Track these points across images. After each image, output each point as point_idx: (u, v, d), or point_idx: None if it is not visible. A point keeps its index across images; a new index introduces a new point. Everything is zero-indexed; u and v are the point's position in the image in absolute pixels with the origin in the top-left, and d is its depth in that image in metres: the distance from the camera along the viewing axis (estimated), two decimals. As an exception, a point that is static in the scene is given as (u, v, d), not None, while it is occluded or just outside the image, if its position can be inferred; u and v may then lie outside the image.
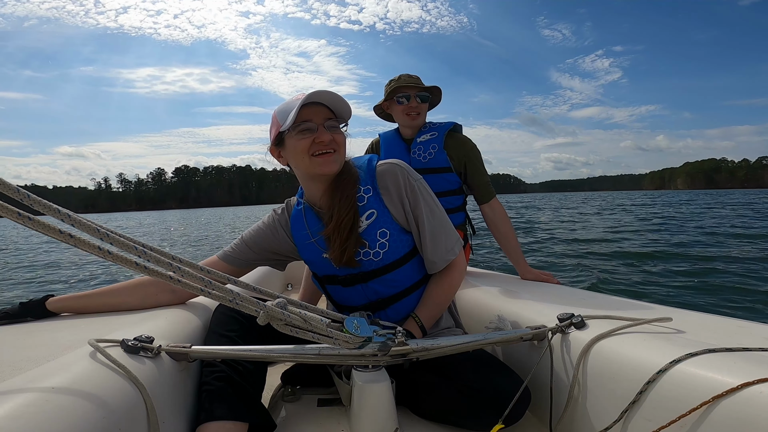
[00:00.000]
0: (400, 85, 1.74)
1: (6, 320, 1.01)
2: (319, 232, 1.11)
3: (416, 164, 1.77)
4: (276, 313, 0.70)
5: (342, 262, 1.07)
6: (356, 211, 1.06)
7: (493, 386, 0.94)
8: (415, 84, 1.73)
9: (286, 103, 1.05)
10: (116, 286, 1.09)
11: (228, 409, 0.82)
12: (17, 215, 0.50)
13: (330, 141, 1.03)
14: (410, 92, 1.73)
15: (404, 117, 1.77)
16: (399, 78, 1.78)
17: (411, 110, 1.75)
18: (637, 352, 0.76)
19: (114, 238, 0.60)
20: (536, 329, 0.97)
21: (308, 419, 1.03)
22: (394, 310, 1.14)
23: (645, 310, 1.03)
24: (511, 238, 1.77)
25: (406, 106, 1.75)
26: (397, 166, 1.11)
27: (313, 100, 1.02)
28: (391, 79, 1.81)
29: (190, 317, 1.03)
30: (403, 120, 1.80)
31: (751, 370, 0.60)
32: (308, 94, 0.99)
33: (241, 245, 1.18)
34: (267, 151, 1.12)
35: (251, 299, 0.68)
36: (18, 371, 0.62)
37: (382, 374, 0.91)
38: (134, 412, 0.64)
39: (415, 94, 1.73)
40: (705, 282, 4.63)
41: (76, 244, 0.55)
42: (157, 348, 0.78)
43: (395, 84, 1.76)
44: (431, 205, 1.12)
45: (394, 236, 1.09)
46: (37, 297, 1.06)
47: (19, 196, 0.52)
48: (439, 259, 1.11)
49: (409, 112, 1.75)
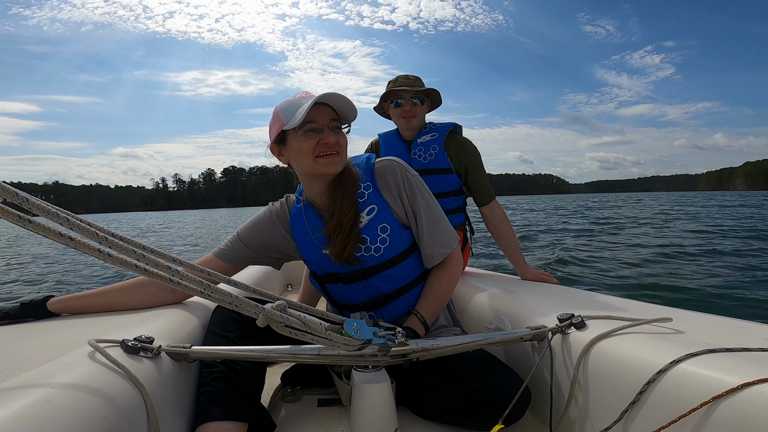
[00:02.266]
0: (395, 88, 1.75)
1: (7, 320, 1.01)
2: (320, 230, 1.11)
3: (417, 165, 1.77)
4: (275, 315, 0.70)
5: (342, 259, 1.08)
6: (357, 209, 1.07)
7: (494, 386, 0.94)
8: (410, 87, 1.73)
9: (290, 102, 1.05)
10: (116, 286, 1.09)
11: (227, 410, 0.82)
12: (17, 218, 0.50)
13: (334, 143, 1.03)
14: (404, 95, 1.74)
15: (400, 119, 1.79)
16: (396, 80, 1.78)
17: (405, 113, 1.76)
18: (637, 353, 0.76)
19: (113, 242, 0.60)
20: (536, 329, 0.97)
21: (308, 419, 1.03)
22: (395, 306, 1.14)
23: (645, 310, 1.03)
24: (511, 238, 1.78)
25: (401, 109, 1.76)
26: (395, 162, 1.13)
27: (322, 101, 1.02)
28: (390, 81, 1.81)
29: (189, 317, 1.03)
30: (399, 122, 1.82)
31: (751, 370, 0.60)
32: (320, 95, 0.99)
33: (236, 241, 1.17)
34: (267, 149, 1.12)
35: (250, 302, 0.68)
36: (18, 371, 0.62)
37: (382, 374, 0.91)
38: (134, 413, 0.64)
39: (409, 97, 1.74)
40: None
41: (76, 247, 0.55)
42: (156, 348, 0.78)
43: (390, 87, 1.77)
44: (428, 199, 1.14)
45: (394, 231, 1.10)
46: (37, 297, 1.06)
47: (18, 200, 0.52)
48: (437, 252, 1.13)
49: (404, 115, 1.77)
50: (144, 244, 0.68)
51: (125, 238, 0.66)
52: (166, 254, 0.72)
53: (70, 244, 0.54)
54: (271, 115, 1.09)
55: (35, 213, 0.54)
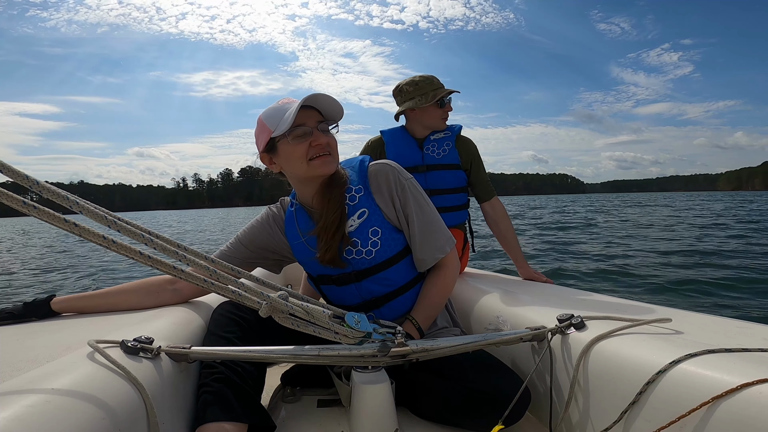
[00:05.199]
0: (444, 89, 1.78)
1: (10, 320, 1.02)
2: (307, 232, 1.12)
3: (430, 160, 1.81)
4: (279, 304, 0.70)
5: (326, 261, 1.08)
6: (344, 211, 1.08)
7: (493, 387, 0.94)
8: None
9: (274, 109, 1.05)
10: (119, 286, 1.11)
11: (227, 411, 0.82)
12: (22, 204, 0.50)
13: (326, 144, 1.03)
14: (449, 95, 1.79)
15: (440, 120, 1.82)
16: (434, 81, 1.79)
17: (448, 112, 1.81)
18: (637, 353, 0.76)
19: (121, 226, 0.60)
20: (536, 330, 0.97)
21: (308, 420, 1.03)
22: (390, 308, 1.14)
23: (645, 310, 1.03)
24: (511, 236, 1.80)
25: (447, 107, 1.80)
26: (389, 165, 1.13)
27: (309, 103, 1.02)
28: (421, 82, 1.79)
29: (190, 318, 1.03)
30: (437, 123, 1.82)
31: (750, 371, 0.60)
32: (305, 97, 0.99)
33: (237, 244, 1.19)
34: (257, 159, 1.11)
35: (254, 291, 0.69)
36: (18, 372, 0.62)
37: (381, 375, 0.91)
38: (134, 414, 0.64)
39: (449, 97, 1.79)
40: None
41: (80, 234, 0.55)
42: (156, 349, 0.78)
43: (437, 87, 1.78)
44: (421, 203, 1.13)
45: (386, 234, 1.10)
46: (41, 297, 1.07)
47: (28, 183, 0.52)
48: (428, 256, 1.12)
49: (447, 114, 1.81)
50: (151, 230, 0.68)
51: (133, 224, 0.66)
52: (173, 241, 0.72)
53: (75, 231, 0.54)
54: (256, 124, 1.08)
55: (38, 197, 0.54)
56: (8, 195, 0.50)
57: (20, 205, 0.51)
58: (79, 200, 0.59)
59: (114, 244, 0.58)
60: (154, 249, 0.65)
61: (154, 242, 0.63)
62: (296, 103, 1.01)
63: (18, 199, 0.50)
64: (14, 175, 0.53)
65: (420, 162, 1.80)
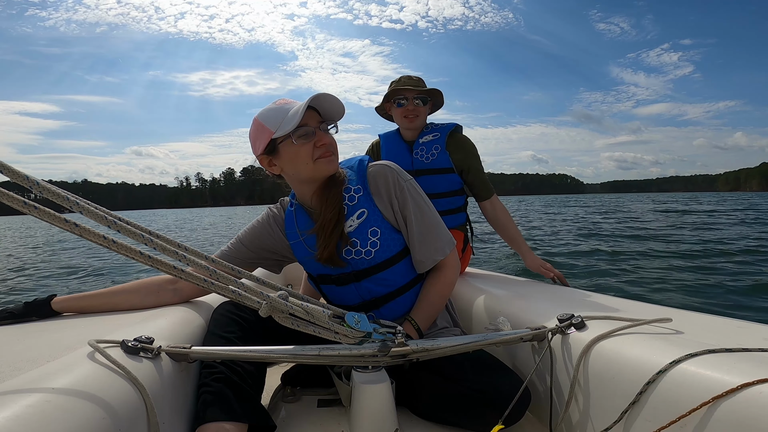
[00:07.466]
0: (398, 87, 1.76)
1: (10, 320, 1.02)
2: (306, 231, 1.12)
3: (419, 165, 1.78)
4: (279, 304, 0.70)
5: (324, 259, 1.08)
6: (341, 210, 1.08)
7: (493, 387, 0.94)
8: (413, 87, 1.74)
9: (272, 109, 1.04)
10: (119, 286, 1.11)
11: (227, 410, 0.82)
12: (22, 204, 0.50)
13: (330, 143, 1.03)
14: (408, 95, 1.75)
15: (402, 119, 1.79)
16: (399, 80, 1.79)
17: (408, 113, 1.76)
18: (637, 353, 0.76)
19: (121, 226, 0.60)
20: (536, 330, 0.97)
21: (308, 420, 1.03)
22: (389, 309, 1.15)
23: (645, 310, 1.03)
24: (513, 229, 1.78)
25: (404, 108, 1.76)
26: (387, 167, 1.12)
27: (314, 104, 1.02)
28: (392, 81, 1.82)
29: (190, 318, 1.03)
30: (401, 122, 1.82)
31: (750, 371, 0.60)
32: (311, 97, 0.99)
33: (238, 244, 1.19)
34: (255, 161, 1.10)
35: (254, 290, 0.69)
36: (18, 372, 0.62)
37: (381, 375, 0.91)
38: (134, 413, 0.64)
39: (412, 97, 1.75)
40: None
41: (80, 233, 0.55)
42: (156, 349, 0.78)
43: (394, 86, 1.78)
44: (421, 205, 1.12)
45: (385, 235, 1.10)
46: (41, 297, 1.07)
47: (28, 183, 0.52)
48: (427, 258, 1.12)
49: (407, 115, 1.77)
50: (151, 230, 0.68)
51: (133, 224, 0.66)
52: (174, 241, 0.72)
53: (75, 231, 0.54)
54: (252, 125, 1.07)
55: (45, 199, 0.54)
56: (8, 195, 0.50)
57: (21, 205, 0.51)
58: (79, 200, 0.59)
59: (114, 243, 0.58)
60: (154, 249, 0.65)
61: (154, 242, 0.63)
62: (296, 104, 1.01)
63: (18, 199, 0.50)
64: (14, 176, 0.53)
65: (410, 167, 1.77)
